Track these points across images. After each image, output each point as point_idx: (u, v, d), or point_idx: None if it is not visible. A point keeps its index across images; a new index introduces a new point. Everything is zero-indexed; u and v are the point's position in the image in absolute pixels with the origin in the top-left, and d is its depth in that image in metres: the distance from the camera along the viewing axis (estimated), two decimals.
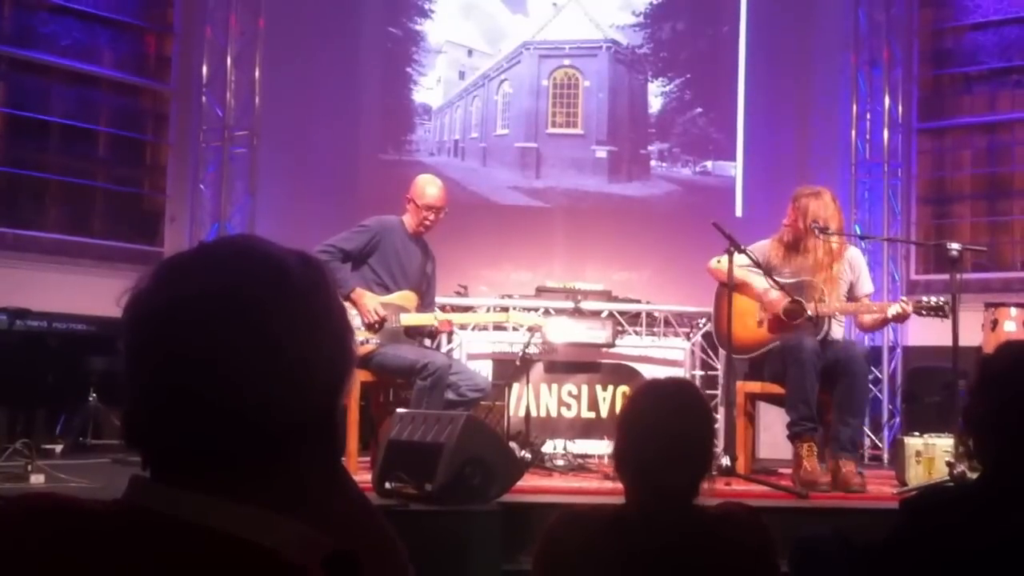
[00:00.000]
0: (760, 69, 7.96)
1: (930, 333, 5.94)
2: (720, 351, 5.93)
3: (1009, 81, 7.87)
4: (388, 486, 3.84)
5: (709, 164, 8.02)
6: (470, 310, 6.16)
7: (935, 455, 4.63)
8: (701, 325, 6.54)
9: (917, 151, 8.06)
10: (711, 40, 8.14)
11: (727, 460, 4.44)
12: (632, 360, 6.09)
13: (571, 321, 5.86)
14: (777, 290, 4.75)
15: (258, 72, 7.17)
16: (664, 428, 1.97)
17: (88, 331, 6.23)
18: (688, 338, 6.59)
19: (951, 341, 4.46)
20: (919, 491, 3.57)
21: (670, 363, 6.22)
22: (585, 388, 5.85)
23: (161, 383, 0.91)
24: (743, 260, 4.71)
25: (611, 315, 6.34)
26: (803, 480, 4.45)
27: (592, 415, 5.83)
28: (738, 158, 7.95)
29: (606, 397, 5.86)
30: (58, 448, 5.48)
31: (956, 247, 4.54)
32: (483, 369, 5.76)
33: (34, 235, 6.97)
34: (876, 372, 6.92)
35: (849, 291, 4.89)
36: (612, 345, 5.91)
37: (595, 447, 5.71)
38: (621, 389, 5.80)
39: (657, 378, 2.37)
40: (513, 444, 4.71)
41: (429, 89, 7.79)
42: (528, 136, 7.84)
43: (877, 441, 7.07)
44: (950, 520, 1.81)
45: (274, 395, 0.92)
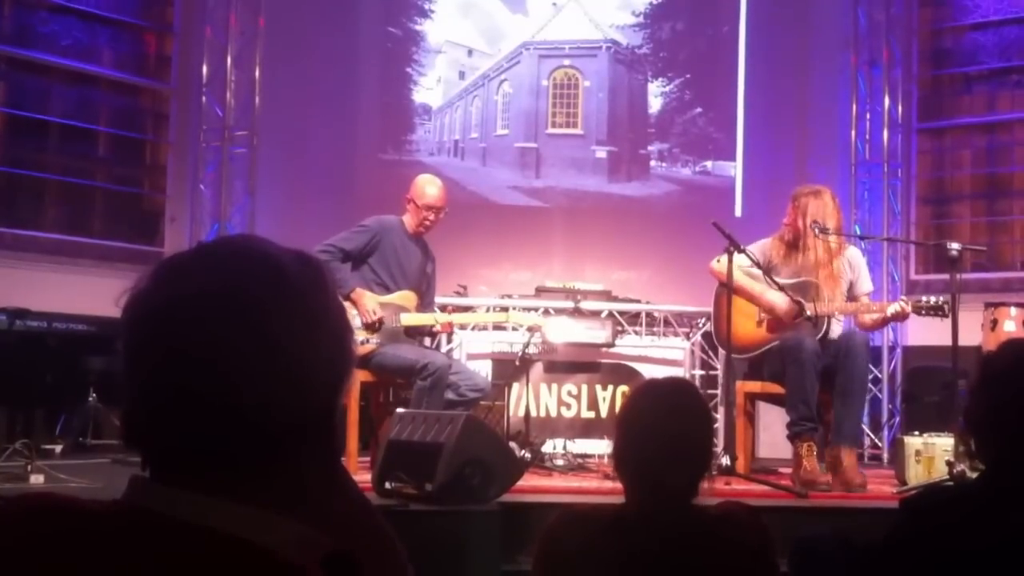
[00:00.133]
0: (760, 69, 7.95)
1: (930, 333, 5.94)
2: (720, 351, 5.92)
3: (1009, 81, 7.86)
4: (388, 486, 3.84)
5: (709, 164, 8.02)
6: (470, 310, 6.16)
7: (935, 454, 4.63)
8: (700, 325, 6.54)
9: (917, 151, 8.05)
10: (711, 40, 8.14)
11: (727, 460, 4.43)
12: (632, 360, 6.09)
13: (571, 321, 5.86)
14: (776, 291, 4.75)
15: (258, 72, 7.17)
16: (663, 428, 1.97)
17: (88, 331, 6.22)
18: (688, 338, 6.59)
19: (951, 341, 4.46)
20: (919, 490, 3.58)
21: (670, 363, 6.22)
22: (585, 388, 5.85)
23: (160, 383, 0.91)
24: (743, 260, 4.71)
25: (611, 315, 6.34)
26: (803, 480, 4.44)
27: (592, 415, 5.83)
28: (738, 158, 7.95)
29: (606, 397, 5.86)
30: (58, 448, 5.48)
31: (956, 247, 4.54)
32: (483, 369, 5.76)
33: (33, 235, 6.97)
34: (876, 372, 6.92)
35: (849, 290, 4.89)
36: (612, 345, 5.91)
37: (595, 447, 5.71)
38: (621, 389, 5.80)
39: (656, 378, 2.36)
40: (513, 444, 4.70)
41: (429, 89, 7.79)
42: (528, 136, 7.84)
43: (877, 440, 7.07)
44: (950, 520, 1.80)
45: (273, 395, 0.91)
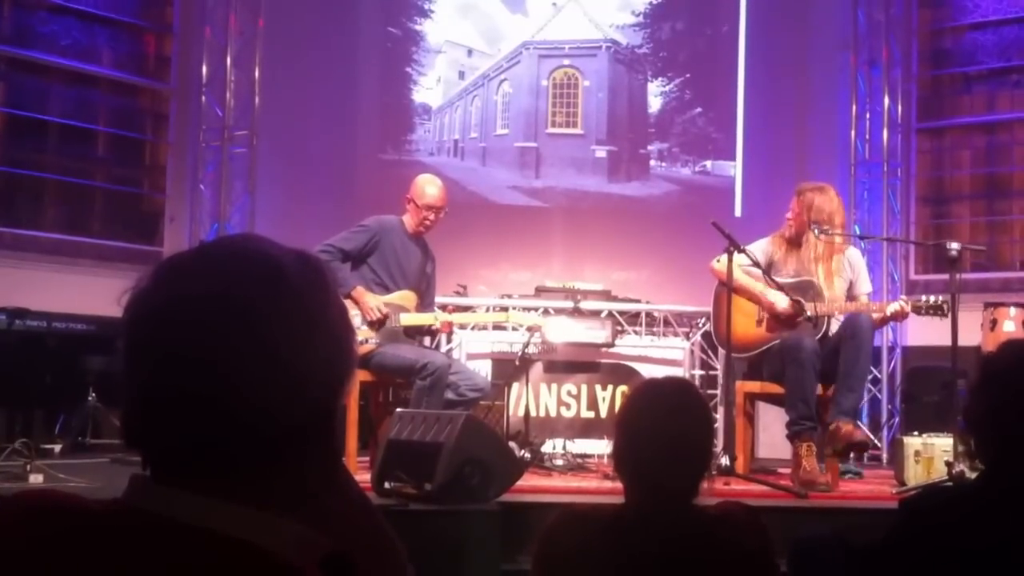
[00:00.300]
0: (759, 69, 7.96)
1: (929, 333, 5.94)
2: (719, 350, 5.92)
3: (1008, 81, 7.87)
4: (387, 486, 3.84)
5: (708, 164, 8.02)
6: (469, 310, 6.16)
7: (934, 455, 4.63)
8: (700, 325, 6.54)
9: (916, 151, 8.06)
10: (710, 40, 8.14)
11: (726, 460, 4.43)
12: (631, 360, 6.09)
13: (570, 321, 5.86)
14: (776, 290, 4.75)
15: (257, 72, 7.17)
16: (663, 428, 1.96)
17: (87, 331, 6.22)
18: (687, 338, 6.59)
19: (950, 341, 4.45)
20: (918, 491, 3.58)
21: (669, 363, 6.22)
22: (584, 388, 5.85)
23: (159, 383, 0.91)
24: (743, 260, 4.71)
25: (610, 315, 6.34)
26: (802, 480, 4.44)
27: (591, 415, 5.83)
28: (737, 158, 7.95)
29: (605, 397, 5.86)
30: (57, 448, 5.48)
31: (955, 247, 4.54)
32: (482, 369, 5.76)
33: (33, 235, 6.97)
34: (875, 372, 6.92)
35: (848, 290, 4.88)
36: (611, 345, 5.91)
37: (594, 447, 5.71)
38: (620, 389, 5.80)
39: (655, 377, 2.36)
40: (512, 444, 4.70)
41: (429, 89, 7.79)
42: (528, 136, 7.84)
43: (876, 441, 7.07)
44: (949, 520, 1.80)
45: (272, 396, 0.91)
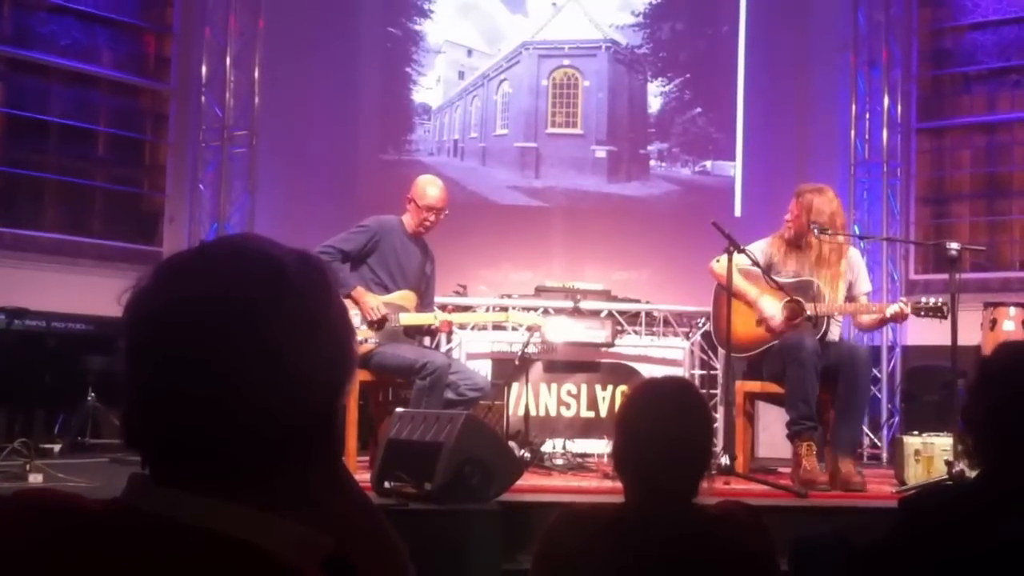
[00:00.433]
0: (759, 69, 7.96)
1: (929, 332, 5.94)
2: (719, 350, 5.92)
3: (1008, 81, 7.87)
4: (387, 485, 3.84)
5: (708, 164, 8.02)
6: (469, 310, 6.16)
7: (934, 454, 4.63)
8: (700, 325, 6.54)
9: (916, 151, 8.06)
10: (710, 40, 8.14)
11: (726, 459, 4.43)
12: (631, 360, 6.09)
13: (570, 321, 5.86)
14: (773, 294, 4.75)
15: (257, 72, 7.17)
16: (663, 429, 1.96)
17: (87, 331, 6.22)
18: (687, 337, 6.59)
19: (950, 340, 4.45)
20: (918, 490, 3.58)
21: (669, 363, 6.22)
22: (584, 387, 5.85)
23: (159, 384, 0.91)
24: (743, 259, 4.71)
25: (610, 315, 6.34)
26: (802, 479, 4.44)
27: (591, 414, 5.83)
28: (737, 158, 7.95)
29: (605, 396, 5.86)
30: (56, 448, 5.48)
31: (955, 247, 4.54)
32: (482, 368, 5.76)
33: (33, 235, 6.97)
34: (875, 371, 6.91)
35: (847, 290, 4.89)
36: (611, 345, 5.91)
37: (594, 446, 5.71)
38: (620, 389, 5.80)
39: (655, 377, 2.36)
40: (512, 443, 4.70)
41: (428, 89, 7.79)
42: (527, 136, 7.84)
43: (876, 440, 7.07)
44: (949, 519, 1.80)
45: (273, 396, 0.91)
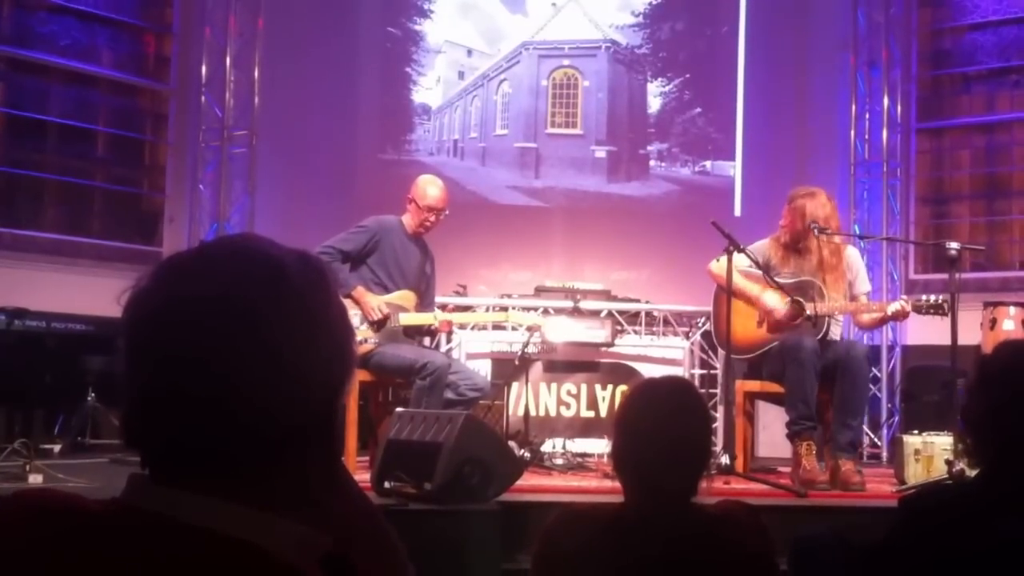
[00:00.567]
0: (759, 69, 7.96)
1: (929, 332, 5.94)
2: (719, 350, 5.92)
3: (1007, 81, 7.87)
4: (387, 485, 3.84)
5: (708, 164, 8.02)
6: (469, 309, 6.16)
7: (934, 453, 4.64)
8: (700, 324, 6.54)
9: (916, 151, 8.05)
10: (710, 40, 8.14)
11: (726, 459, 4.43)
12: (631, 359, 6.10)
13: (570, 320, 5.86)
14: (774, 291, 4.75)
15: (257, 72, 7.17)
16: (662, 429, 1.96)
17: (86, 331, 6.22)
18: (687, 337, 6.59)
19: (950, 340, 4.46)
20: (918, 490, 3.58)
21: (669, 362, 6.22)
22: (584, 387, 5.85)
23: (159, 384, 0.91)
24: (743, 259, 4.71)
25: (610, 314, 6.34)
26: (802, 479, 4.45)
27: (591, 414, 5.83)
28: (737, 158, 7.95)
29: (605, 396, 5.86)
30: (56, 448, 5.47)
31: (955, 247, 4.54)
32: (482, 368, 5.76)
33: (32, 235, 6.97)
34: (875, 371, 6.91)
35: (847, 289, 4.89)
36: (611, 344, 5.91)
37: (594, 446, 5.71)
38: (620, 388, 5.80)
39: (654, 377, 2.35)
40: (512, 443, 4.70)
41: (428, 89, 7.79)
42: (527, 136, 7.84)
43: (876, 439, 7.07)
44: (949, 519, 1.80)
45: (273, 396, 0.91)
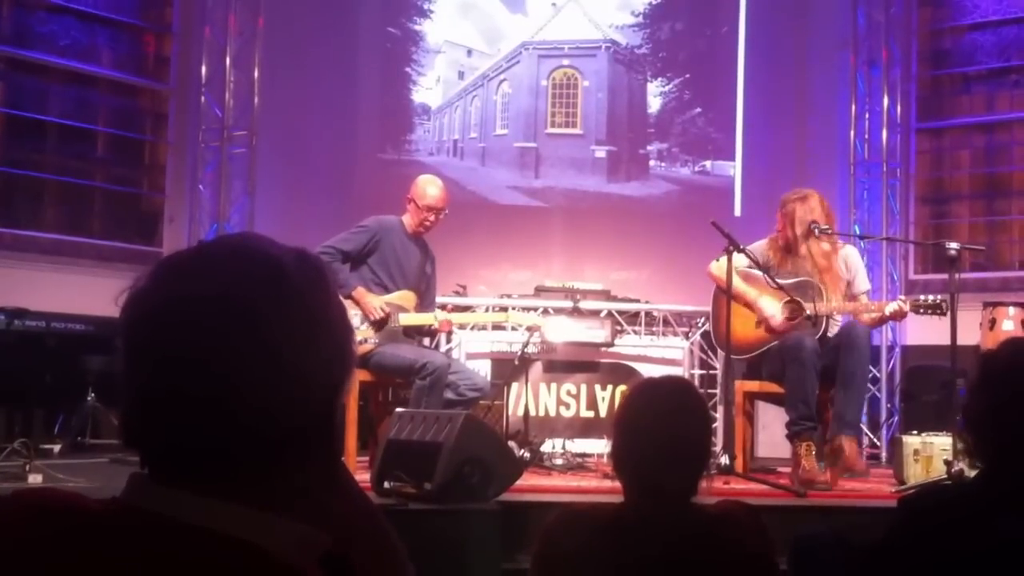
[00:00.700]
0: (759, 69, 7.96)
1: (928, 332, 5.94)
2: (719, 350, 5.92)
3: (1007, 81, 7.87)
4: (387, 485, 3.84)
5: (708, 164, 8.02)
6: (469, 310, 6.16)
7: (933, 453, 4.63)
8: (700, 324, 6.54)
9: (916, 151, 8.06)
10: (710, 40, 8.14)
11: (725, 459, 4.43)
12: (631, 359, 6.09)
13: (570, 320, 5.86)
14: (772, 295, 4.75)
15: (257, 72, 7.16)
16: (662, 429, 1.96)
17: (86, 331, 6.22)
18: (687, 337, 6.59)
19: (949, 340, 4.45)
20: (917, 490, 3.58)
21: (669, 362, 6.22)
22: (584, 387, 5.85)
23: (158, 384, 0.91)
24: (743, 259, 4.71)
25: (610, 314, 6.34)
26: (801, 479, 4.44)
27: (591, 414, 5.83)
28: (737, 158, 7.95)
29: (605, 396, 5.86)
30: (56, 448, 5.48)
31: (954, 247, 4.54)
32: (482, 368, 5.76)
33: (32, 235, 6.97)
34: (875, 371, 6.92)
35: (846, 288, 4.89)
36: (611, 344, 5.91)
37: (594, 446, 5.71)
38: (620, 388, 5.80)
39: (653, 377, 2.35)
40: (512, 443, 4.70)
41: (428, 89, 7.79)
42: (527, 136, 7.84)
43: (875, 439, 7.07)
44: (948, 519, 1.80)
45: (272, 396, 0.91)
